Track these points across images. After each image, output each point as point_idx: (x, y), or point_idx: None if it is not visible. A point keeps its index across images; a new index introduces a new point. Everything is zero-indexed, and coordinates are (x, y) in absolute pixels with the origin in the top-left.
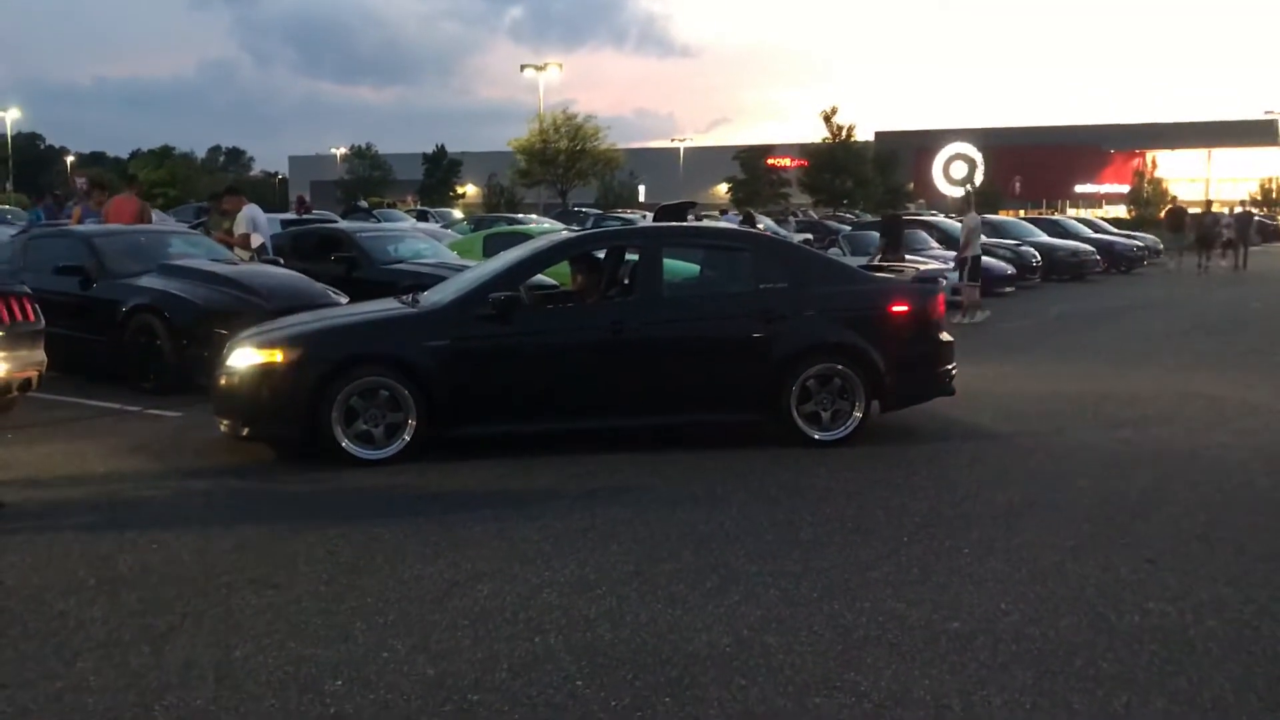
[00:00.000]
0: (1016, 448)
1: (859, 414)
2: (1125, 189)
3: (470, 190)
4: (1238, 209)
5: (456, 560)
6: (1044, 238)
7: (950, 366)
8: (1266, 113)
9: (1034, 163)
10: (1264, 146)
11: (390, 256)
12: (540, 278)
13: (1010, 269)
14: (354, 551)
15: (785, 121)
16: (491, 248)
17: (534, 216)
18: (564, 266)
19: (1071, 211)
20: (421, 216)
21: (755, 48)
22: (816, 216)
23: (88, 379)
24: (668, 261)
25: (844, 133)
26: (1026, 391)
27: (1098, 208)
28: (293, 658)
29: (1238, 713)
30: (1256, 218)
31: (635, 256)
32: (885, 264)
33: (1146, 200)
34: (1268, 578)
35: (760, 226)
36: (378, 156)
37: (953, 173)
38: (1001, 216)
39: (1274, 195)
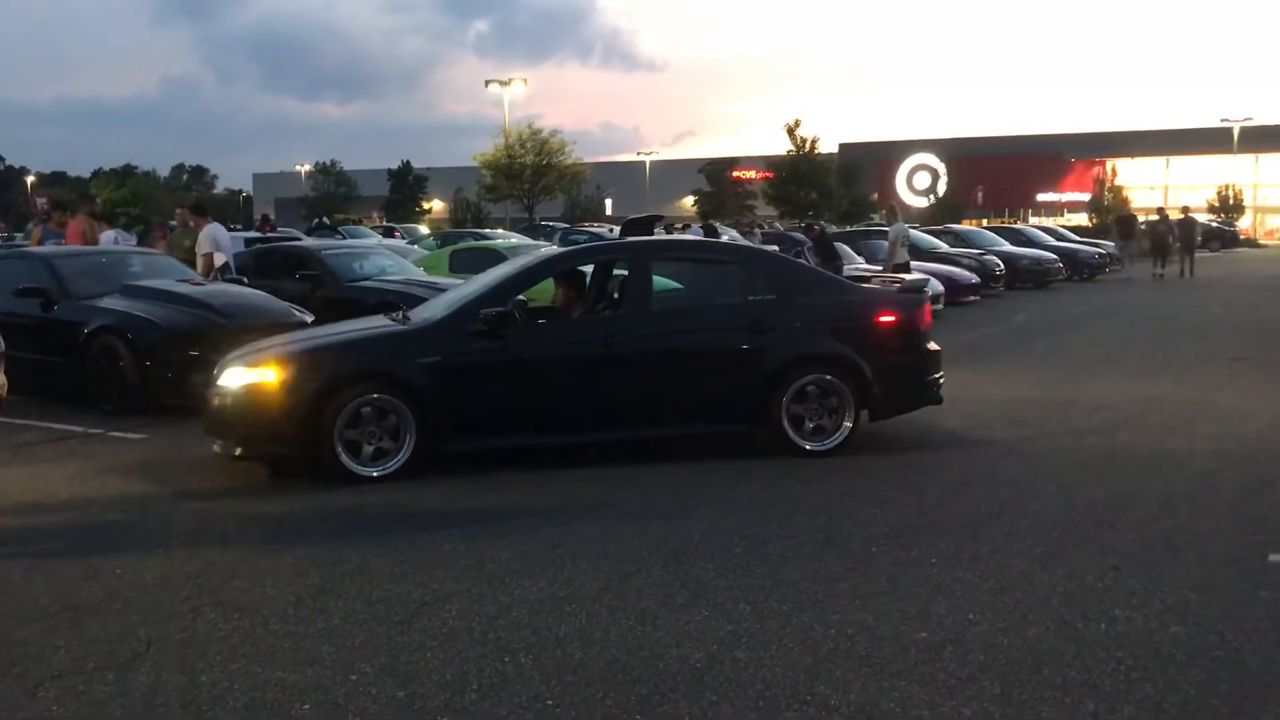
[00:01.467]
0: (983, 456)
1: (848, 424)
2: (1086, 197)
3: (436, 205)
4: (1179, 216)
5: (425, 580)
6: (1007, 247)
7: (938, 375)
8: (1223, 121)
9: (996, 172)
10: (1221, 154)
11: (355, 274)
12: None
13: (974, 278)
14: (321, 573)
15: (750, 134)
16: (458, 264)
17: (500, 231)
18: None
19: (1034, 220)
20: (387, 233)
21: (720, 61)
22: (782, 228)
23: (50, 402)
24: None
25: (808, 145)
26: (992, 399)
27: (1059, 216)
28: (259, 682)
29: (1203, 719)
30: (1214, 224)
31: (624, 271)
32: (872, 274)
33: (1107, 208)
34: (1231, 582)
35: (725, 239)
36: (343, 173)
37: (916, 183)
38: (965, 226)
39: (1230, 202)
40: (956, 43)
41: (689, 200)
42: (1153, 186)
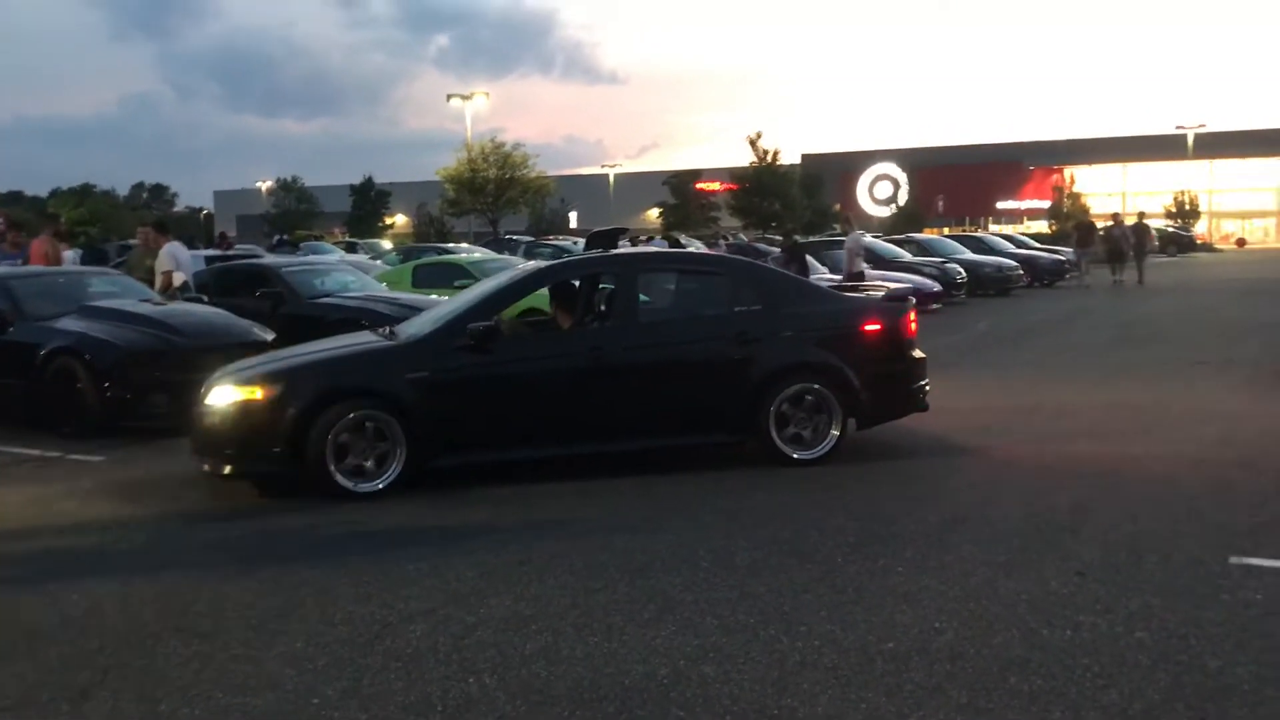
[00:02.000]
0: (946, 464)
1: (836, 432)
2: (1046, 204)
3: (400, 220)
4: (1129, 221)
5: (388, 600)
6: (969, 254)
7: (924, 382)
8: (1178, 127)
9: (957, 181)
10: (1176, 160)
11: (317, 290)
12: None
13: (937, 286)
14: (283, 595)
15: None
16: (421, 278)
17: (465, 246)
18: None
19: (994, 227)
20: (350, 248)
21: (683, 73)
22: (746, 239)
23: (6, 425)
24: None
25: (770, 156)
26: (956, 406)
27: (1020, 223)
28: (220, 708)
29: None
30: (1170, 229)
31: (611, 283)
32: (856, 284)
33: (1066, 215)
34: (1193, 586)
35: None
36: (304, 189)
37: (877, 193)
38: (927, 235)
39: (1187, 207)
40: (916, 54)
41: (654, 212)
42: (1110, 193)
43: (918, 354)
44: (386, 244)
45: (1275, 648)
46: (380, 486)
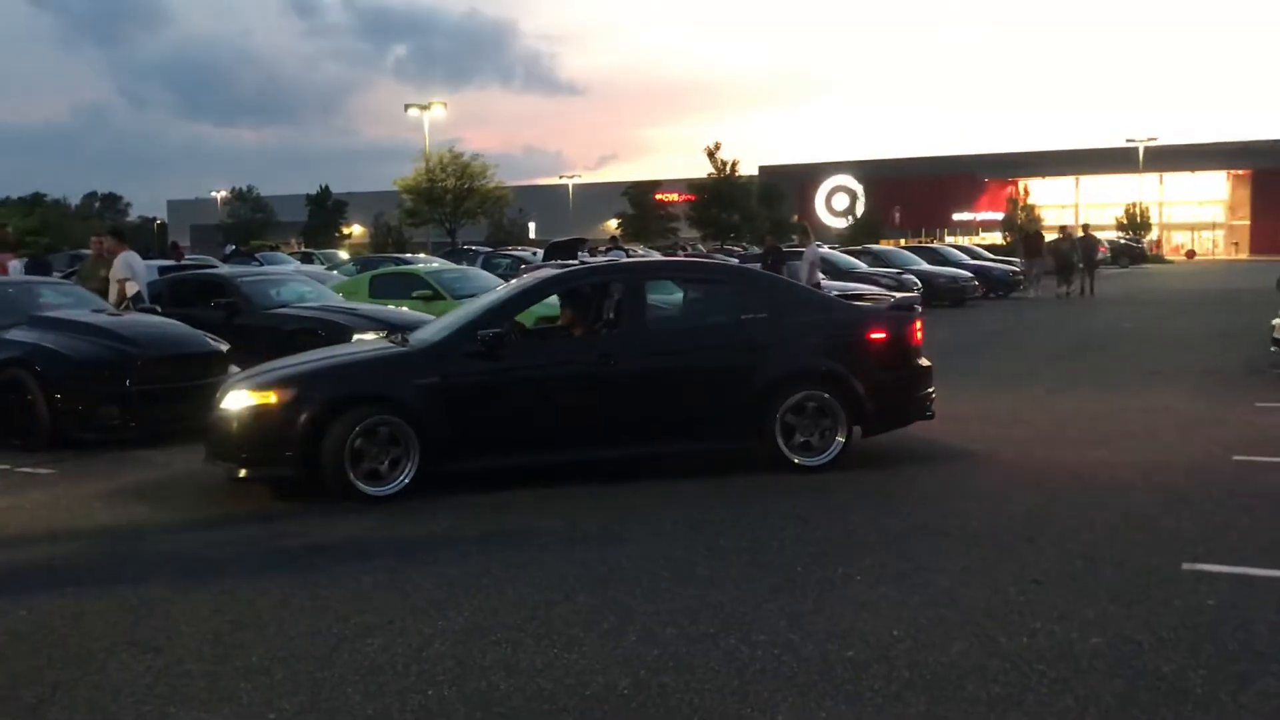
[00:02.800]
0: (903, 474)
1: (841, 439)
2: (1000, 216)
3: (357, 230)
4: (1078, 235)
5: (346, 613)
6: (924, 265)
7: (929, 390)
8: (1128, 141)
9: (913, 192)
10: (1127, 173)
11: (272, 300)
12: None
13: (894, 296)
14: (239, 608)
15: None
16: (378, 288)
17: (422, 256)
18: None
19: (949, 239)
20: (306, 258)
21: (643, 85)
22: (706, 250)
23: None
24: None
25: (728, 168)
26: None
27: (974, 235)
28: None
29: None
30: (1122, 241)
31: (620, 291)
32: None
33: (1020, 227)
34: (1148, 592)
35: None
36: (260, 199)
37: (835, 204)
38: (883, 246)
39: (1138, 219)
40: (873, 67)
41: (613, 223)
42: (1063, 205)
43: (923, 362)
44: (344, 254)
45: (1227, 652)
46: (392, 490)
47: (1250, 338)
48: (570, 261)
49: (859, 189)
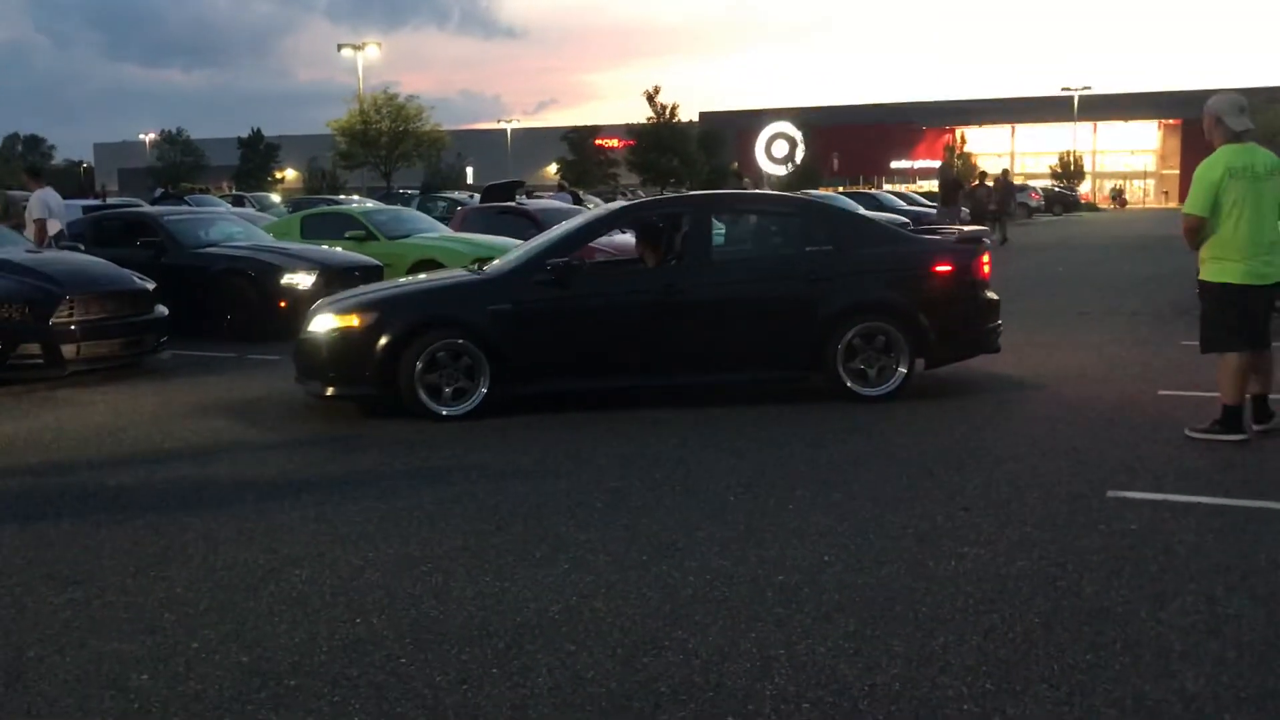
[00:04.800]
0: (839, 410)
1: (903, 370)
2: (937, 164)
3: (290, 174)
4: (995, 178)
5: (272, 546)
6: (862, 212)
7: (996, 323)
8: (1064, 90)
9: (851, 140)
10: (1062, 122)
11: (200, 240)
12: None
13: None
14: (163, 542)
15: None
16: (310, 228)
17: (355, 199)
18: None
19: (887, 186)
20: (237, 202)
21: (581, 29)
22: (646, 195)
23: None
24: None
25: (668, 112)
26: None
27: (912, 183)
28: (93, 655)
29: (1045, 645)
30: (1056, 189)
31: (687, 223)
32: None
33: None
34: (1072, 518)
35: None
36: (190, 142)
37: (774, 151)
38: (821, 192)
39: (1071, 168)
40: (813, 14)
41: (552, 168)
42: (1000, 153)
43: (990, 296)
44: (275, 198)
45: (1147, 573)
46: (464, 411)
47: (1179, 280)
48: (508, 203)
49: (799, 136)
